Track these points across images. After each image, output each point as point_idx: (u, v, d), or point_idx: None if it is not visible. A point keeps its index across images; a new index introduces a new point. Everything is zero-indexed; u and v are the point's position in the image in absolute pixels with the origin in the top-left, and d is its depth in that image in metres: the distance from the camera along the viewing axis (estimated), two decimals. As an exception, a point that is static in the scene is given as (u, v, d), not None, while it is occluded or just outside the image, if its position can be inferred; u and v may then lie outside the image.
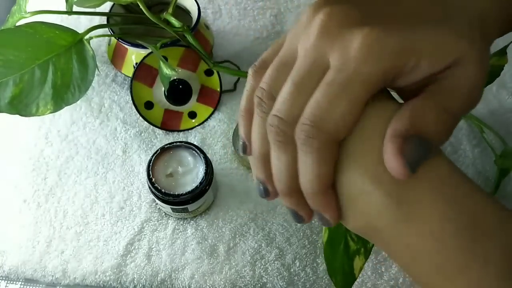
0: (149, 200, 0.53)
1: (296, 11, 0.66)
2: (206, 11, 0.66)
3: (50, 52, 0.48)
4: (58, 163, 0.55)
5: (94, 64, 0.50)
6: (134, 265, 0.49)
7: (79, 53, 0.49)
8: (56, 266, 0.49)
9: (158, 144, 0.57)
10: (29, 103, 0.48)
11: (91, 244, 0.51)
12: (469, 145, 0.56)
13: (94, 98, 0.60)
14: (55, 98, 0.48)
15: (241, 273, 0.49)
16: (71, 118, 0.58)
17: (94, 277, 0.49)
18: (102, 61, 0.62)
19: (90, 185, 0.54)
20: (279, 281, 0.48)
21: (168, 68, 0.50)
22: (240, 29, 0.65)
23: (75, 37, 0.50)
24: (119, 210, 0.52)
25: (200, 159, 0.48)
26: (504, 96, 0.59)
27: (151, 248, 0.50)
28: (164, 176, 0.48)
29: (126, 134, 0.57)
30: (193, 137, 0.57)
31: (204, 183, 0.47)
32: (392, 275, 0.48)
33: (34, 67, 0.48)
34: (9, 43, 0.48)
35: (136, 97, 0.56)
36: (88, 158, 0.56)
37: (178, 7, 0.58)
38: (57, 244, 0.50)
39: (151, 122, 0.56)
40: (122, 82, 0.61)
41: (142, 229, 0.51)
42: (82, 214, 0.52)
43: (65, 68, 0.49)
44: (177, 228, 0.51)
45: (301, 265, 0.49)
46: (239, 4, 0.67)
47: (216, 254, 0.50)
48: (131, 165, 0.55)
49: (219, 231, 0.51)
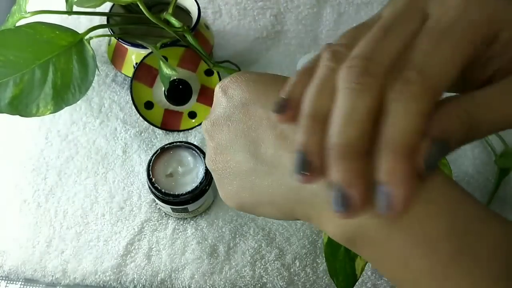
0: (149, 200, 0.53)
1: (296, 11, 0.66)
2: (206, 11, 0.66)
3: (50, 52, 0.48)
4: (58, 163, 0.55)
5: (94, 64, 0.50)
6: (134, 265, 0.49)
7: (79, 53, 0.49)
8: (56, 266, 0.49)
9: (158, 144, 0.57)
10: (29, 103, 0.48)
11: (91, 244, 0.51)
12: (469, 145, 0.56)
13: (94, 98, 0.60)
14: (55, 98, 0.48)
15: (241, 273, 0.49)
16: (71, 118, 0.58)
17: (94, 277, 0.49)
18: (102, 61, 0.62)
19: (90, 185, 0.54)
20: (279, 281, 0.48)
21: (168, 68, 0.50)
22: (240, 29, 0.65)
23: (75, 37, 0.50)
24: (119, 210, 0.52)
25: (200, 159, 0.48)
26: (504, 96, 0.59)
27: (151, 248, 0.50)
28: (164, 176, 0.48)
29: (126, 134, 0.57)
30: (193, 137, 0.57)
31: (204, 183, 0.47)
32: (392, 275, 0.48)
33: (34, 68, 0.48)
34: (9, 44, 0.48)
35: (136, 97, 0.56)
36: (88, 158, 0.56)
37: (178, 7, 0.58)
38: (57, 244, 0.51)
39: (151, 122, 0.56)
40: (122, 82, 0.61)
41: (142, 229, 0.51)
42: (82, 214, 0.52)
43: (65, 68, 0.49)
44: (177, 228, 0.51)
45: (301, 265, 0.49)
46: (239, 4, 0.67)
47: (216, 254, 0.50)
48: (131, 165, 0.55)
49: (219, 231, 0.51)
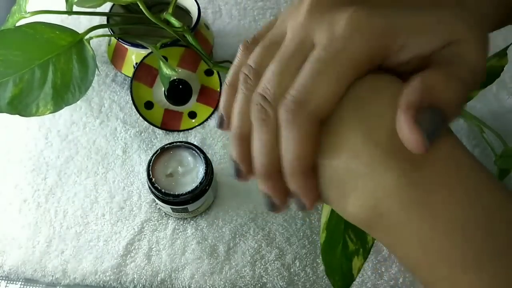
0: (149, 200, 0.53)
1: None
2: (206, 11, 0.66)
3: (50, 52, 0.48)
4: (58, 163, 0.55)
5: (94, 64, 0.50)
6: (134, 265, 0.49)
7: (79, 53, 0.49)
8: (56, 266, 0.49)
9: (158, 144, 0.57)
10: (29, 103, 0.48)
11: (91, 244, 0.51)
12: (469, 145, 0.56)
13: (94, 98, 0.60)
14: (55, 98, 0.48)
15: (241, 273, 0.49)
16: (71, 118, 0.58)
17: (94, 277, 0.49)
18: (102, 61, 0.62)
19: (90, 185, 0.54)
20: (279, 281, 0.48)
21: (168, 68, 0.50)
22: (240, 29, 0.65)
23: (75, 37, 0.50)
24: (119, 210, 0.52)
25: (200, 159, 0.48)
26: (504, 96, 0.59)
27: (151, 248, 0.50)
28: (164, 176, 0.48)
29: (126, 134, 0.57)
30: (193, 137, 0.57)
31: (204, 183, 0.47)
32: (392, 275, 0.48)
33: (34, 67, 0.48)
34: (9, 43, 0.48)
35: (136, 97, 0.56)
36: (88, 158, 0.56)
37: (178, 7, 0.58)
38: (57, 244, 0.51)
39: (151, 122, 0.56)
40: (122, 82, 0.61)
41: (142, 229, 0.51)
42: (82, 214, 0.52)
43: (65, 68, 0.49)
44: (177, 228, 0.51)
45: (301, 265, 0.49)
46: (239, 4, 0.67)
47: (216, 254, 0.50)
48: (131, 165, 0.55)
49: (219, 231, 0.51)
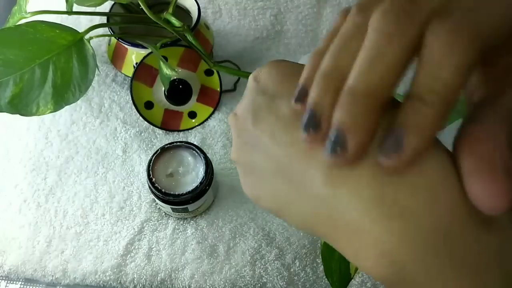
0: (149, 200, 0.53)
1: (296, 11, 0.66)
2: (206, 11, 0.66)
3: (50, 52, 0.48)
4: (58, 163, 0.55)
5: (94, 63, 0.50)
6: (134, 265, 0.49)
7: (79, 52, 0.49)
8: (56, 266, 0.49)
9: (158, 144, 0.57)
10: (29, 102, 0.48)
11: (91, 244, 0.50)
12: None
13: (94, 98, 0.60)
14: (55, 97, 0.48)
15: (241, 273, 0.49)
16: (71, 118, 0.58)
17: (94, 277, 0.49)
18: (102, 61, 0.62)
19: (90, 185, 0.54)
20: (279, 281, 0.48)
21: (168, 68, 0.50)
22: (240, 29, 0.65)
23: (75, 36, 0.50)
24: (119, 210, 0.52)
25: (200, 159, 0.48)
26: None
27: (151, 248, 0.50)
28: (164, 176, 0.48)
29: (126, 134, 0.57)
30: (193, 137, 0.57)
31: (204, 183, 0.47)
32: (392, 275, 0.48)
33: (34, 67, 0.48)
34: (9, 43, 0.48)
35: (136, 97, 0.56)
36: (88, 158, 0.56)
37: (178, 7, 0.58)
38: (57, 244, 0.50)
39: (151, 122, 0.56)
40: (122, 82, 0.61)
41: (142, 229, 0.51)
42: (82, 214, 0.52)
43: (65, 67, 0.49)
44: (177, 228, 0.51)
45: (301, 265, 0.49)
46: (239, 4, 0.67)
47: (216, 254, 0.50)
48: (131, 165, 0.55)
49: (219, 231, 0.51)
